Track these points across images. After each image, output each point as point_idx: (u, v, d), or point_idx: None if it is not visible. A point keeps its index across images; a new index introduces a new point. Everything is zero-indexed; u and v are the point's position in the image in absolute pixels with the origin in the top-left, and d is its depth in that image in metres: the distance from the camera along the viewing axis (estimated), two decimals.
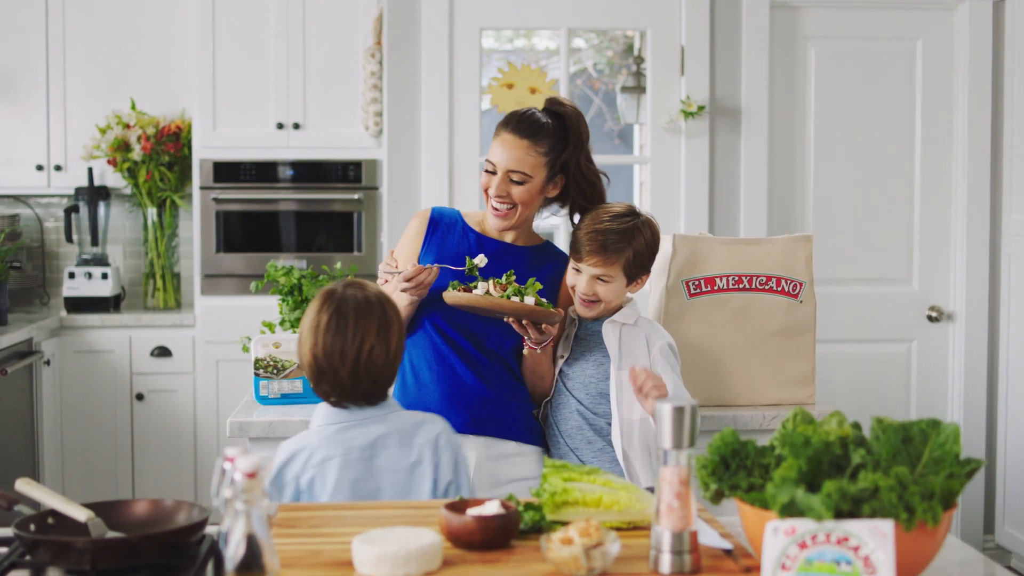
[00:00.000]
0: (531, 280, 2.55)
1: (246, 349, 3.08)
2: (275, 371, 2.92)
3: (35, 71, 4.94)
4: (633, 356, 2.62)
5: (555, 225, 5.00)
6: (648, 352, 2.63)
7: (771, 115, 4.58)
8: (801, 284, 2.93)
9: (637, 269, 2.64)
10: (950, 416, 4.68)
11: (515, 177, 2.61)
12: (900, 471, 1.46)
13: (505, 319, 2.55)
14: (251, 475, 1.28)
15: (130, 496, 4.81)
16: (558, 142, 2.63)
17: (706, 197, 4.57)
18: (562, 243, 4.64)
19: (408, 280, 2.54)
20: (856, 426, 1.66)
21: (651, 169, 4.65)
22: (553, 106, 2.67)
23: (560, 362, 2.71)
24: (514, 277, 2.55)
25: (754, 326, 2.91)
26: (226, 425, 2.80)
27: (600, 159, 2.80)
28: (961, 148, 4.61)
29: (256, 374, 2.93)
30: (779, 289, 2.91)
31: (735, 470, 1.56)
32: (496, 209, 2.65)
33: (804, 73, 4.61)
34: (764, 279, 2.90)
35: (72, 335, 4.81)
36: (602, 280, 2.62)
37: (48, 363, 4.66)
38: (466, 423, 2.62)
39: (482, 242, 2.71)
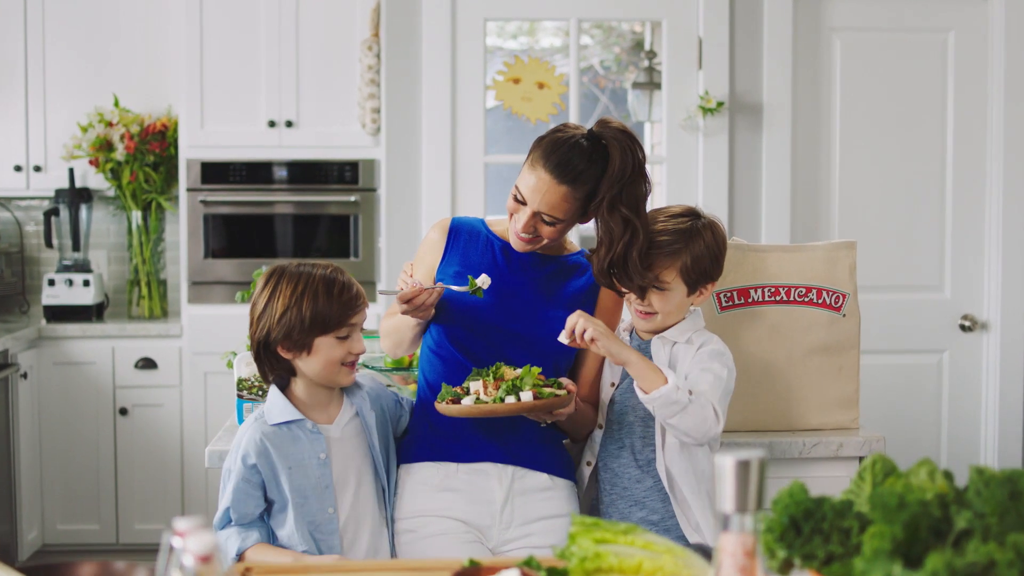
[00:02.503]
0: (526, 368, 2.26)
1: (230, 365, 2.81)
2: (261, 392, 2.63)
3: (13, 66, 4.71)
4: (677, 369, 2.35)
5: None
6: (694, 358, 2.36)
7: (794, 111, 4.37)
8: (844, 296, 2.65)
9: (697, 275, 2.35)
10: (983, 431, 4.44)
11: (546, 219, 2.32)
12: (1019, 540, 1.17)
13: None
14: (206, 559, 1.00)
15: (113, 518, 4.59)
16: (599, 183, 2.29)
17: (725, 199, 4.34)
18: None
19: (406, 302, 2.27)
20: (948, 475, 1.38)
21: (666, 169, 4.40)
22: (602, 130, 2.31)
23: (612, 390, 2.43)
24: (503, 370, 2.27)
25: (792, 342, 2.63)
26: (204, 454, 2.52)
27: None
28: (996, 146, 4.37)
29: (239, 396, 2.64)
30: (820, 301, 2.63)
31: (809, 535, 1.27)
32: (520, 236, 2.37)
33: (829, 67, 4.39)
34: (803, 290, 2.62)
35: (51, 346, 4.57)
36: (657, 287, 2.34)
37: (25, 376, 4.42)
38: (495, 452, 2.36)
39: (509, 253, 2.44)
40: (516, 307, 2.39)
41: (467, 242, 2.46)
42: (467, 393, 2.26)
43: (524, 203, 2.32)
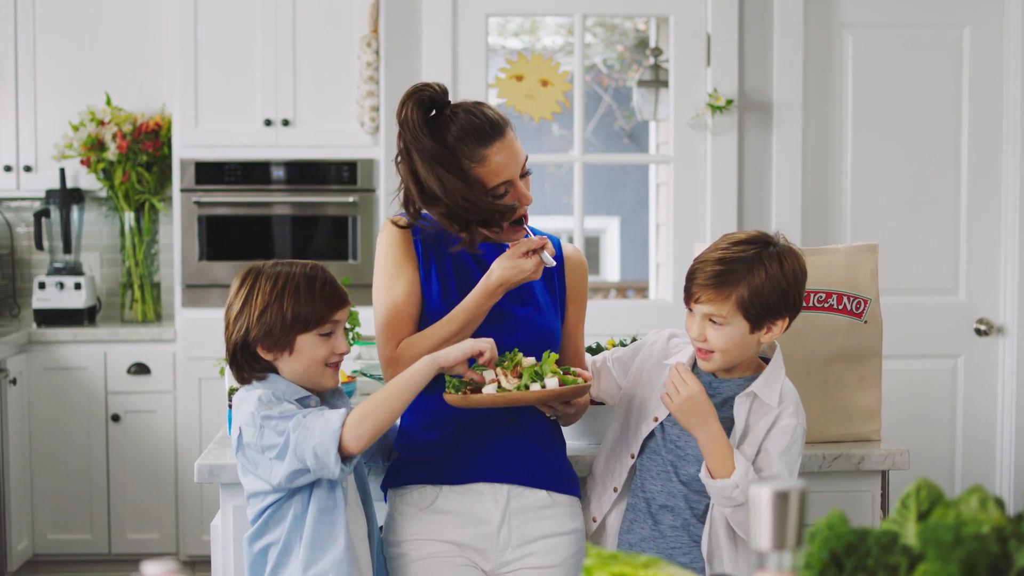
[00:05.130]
0: (546, 354, 2.13)
1: (223, 373, 2.69)
2: None
3: (3, 64, 4.60)
4: (752, 433, 2.18)
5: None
6: (769, 430, 2.18)
7: (805, 109, 4.26)
8: (866, 302, 2.53)
9: (759, 310, 2.13)
10: (999, 437, 4.34)
11: (525, 169, 2.23)
12: None
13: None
14: None
15: (105, 528, 4.49)
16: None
17: (734, 199, 4.25)
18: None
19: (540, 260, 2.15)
20: (1000, 503, 1.26)
21: (673, 169, 4.29)
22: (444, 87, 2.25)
23: (653, 424, 2.26)
24: (520, 356, 2.13)
25: (810, 350, 2.51)
26: (194, 468, 2.40)
27: (613, 159, 2.37)
28: (1013, 145, 4.26)
29: (230, 407, 2.51)
30: (840, 307, 2.51)
31: (851, 573, 1.15)
32: (524, 218, 2.25)
33: (841, 64, 4.30)
34: (823, 296, 2.50)
35: (42, 351, 4.46)
36: (713, 322, 2.15)
37: (14, 382, 4.31)
38: (488, 471, 2.21)
39: (474, 252, 2.28)
40: (490, 311, 2.22)
41: (432, 243, 2.27)
42: (473, 383, 2.11)
43: (511, 179, 2.19)
